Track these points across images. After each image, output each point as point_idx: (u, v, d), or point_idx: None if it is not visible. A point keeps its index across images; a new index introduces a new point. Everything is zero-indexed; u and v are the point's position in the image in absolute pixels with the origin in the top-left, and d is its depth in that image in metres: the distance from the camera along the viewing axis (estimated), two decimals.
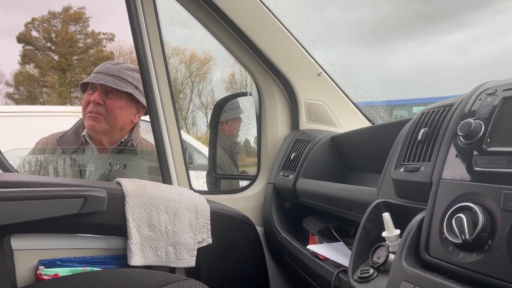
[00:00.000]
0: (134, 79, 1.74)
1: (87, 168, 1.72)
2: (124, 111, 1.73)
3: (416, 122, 0.89)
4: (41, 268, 1.24)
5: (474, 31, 22.66)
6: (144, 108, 1.79)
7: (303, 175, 1.46)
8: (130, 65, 1.80)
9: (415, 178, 0.81)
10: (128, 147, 1.77)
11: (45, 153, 1.76)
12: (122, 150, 1.75)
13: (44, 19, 20.22)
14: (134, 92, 1.72)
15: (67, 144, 1.76)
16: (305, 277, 1.32)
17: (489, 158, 0.65)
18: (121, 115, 1.72)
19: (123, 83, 1.71)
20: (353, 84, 1.79)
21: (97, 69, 1.75)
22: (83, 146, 1.75)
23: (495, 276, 0.57)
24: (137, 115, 1.80)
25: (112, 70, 1.72)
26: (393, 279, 0.71)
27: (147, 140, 1.89)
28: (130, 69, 1.77)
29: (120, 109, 1.71)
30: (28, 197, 1.15)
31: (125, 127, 1.77)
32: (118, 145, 1.74)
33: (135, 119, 1.80)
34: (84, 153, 1.74)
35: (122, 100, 1.72)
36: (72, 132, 1.81)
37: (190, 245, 1.40)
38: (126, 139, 1.76)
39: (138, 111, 1.80)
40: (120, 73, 1.71)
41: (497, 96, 0.70)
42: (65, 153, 1.74)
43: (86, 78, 1.76)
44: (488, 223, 0.60)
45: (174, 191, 1.43)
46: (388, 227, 0.82)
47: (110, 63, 1.77)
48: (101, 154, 1.76)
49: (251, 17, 1.58)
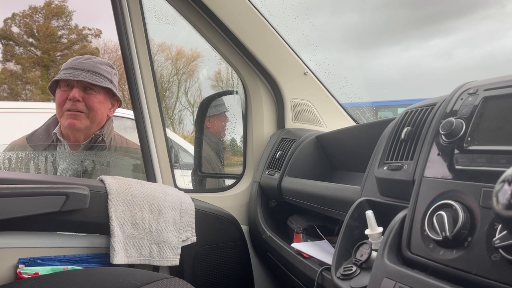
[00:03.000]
0: (108, 73, 1.72)
1: (59, 166, 1.69)
2: (103, 105, 1.72)
3: (400, 121, 0.90)
4: (21, 267, 1.21)
5: (458, 37, 23.28)
6: (118, 101, 1.79)
7: (288, 174, 1.47)
8: (103, 60, 1.78)
9: (398, 176, 0.82)
10: (98, 143, 1.73)
11: (14, 151, 1.72)
12: (93, 147, 1.72)
13: (26, 14, 19.81)
14: (111, 87, 1.71)
15: (37, 142, 1.73)
16: (289, 275, 1.32)
17: (470, 156, 0.66)
18: (101, 109, 1.71)
19: (101, 78, 1.68)
20: (339, 84, 1.81)
21: (69, 65, 1.69)
22: (54, 143, 1.71)
23: (474, 272, 0.58)
24: (111, 109, 1.79)
25: (87, 66, 1.68)
26: (375, 276, 0.71)
27: (122, 136, 1.87)
28: (104, 64, 1.74)
29: (100, 103, 1.70)
30: (8, 194, 1.12)
31: (102, 122, 1.76)
32: (89, 141, 1.71)
33: (110, 113, 1.78)
34: (55, 150, 1.71)
35: (101, 95, 1.70)
36: (42, 130, 1.77)
37: (174, 243, 1.39)
38: (96, 134, 1.73)
39: (113, 105, 1.79)
40: (96, 68, 1.68)
41: (478, 96, 0.71)
42: (35, 151, 1.70)
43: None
44: (468, 220, 0.61)
45: (159, 189, 1.42)
46: (371, 224, 0.83)
47: (82, 58, 1.73)
48: (73, 151, 1.72)
49: (238, 16, 1.57)
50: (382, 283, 0.68)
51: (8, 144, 1.77)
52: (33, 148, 1.72)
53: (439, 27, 22.29)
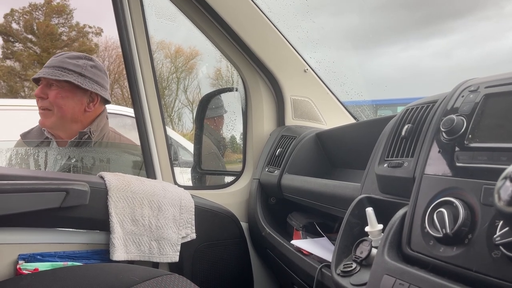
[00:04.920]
0: (77, 66, 1.67)
1: (48, 162, 1.69)
2: (69, 101, 1.66)
3: (400, 119, 0.90)
4: (21, 263, 1.21)
5: (456, 37, 23.40)
6: (99, 96, 1.72)
7: (288, 171, 1.47)
8: (75, 53, 1.73)
9: (398, 173, 0.82)
10: (85, 140, 1.71)
11: (11, 148, 1.73)
12: (80, 143, 1.70)
13: (25, 11, 19.71)
14: (74, 80, 1.64)
15: (31, 139, 1.74)
16: (289, 272, 1.32)
17: (471, 153, 0.66)
18: (66, 105, 1.66)
19: (62, 72, 1.64)
20: (339, 82, 1.80)
21: (46, 64, 1.70)
22: (47, 140, 1.72)
23: (474, 269, 0.58)
24: (91, 104, 1.72)
25: (53, 62, 1.67)
26: (375, 273, 0.71)
27: (118, 133, 1.85)
28: (73, 57, 1.70)
29: (64, 99, 1.65)
30: (8, 190, 1.12)
31: (78, 118, 1.70)
32: (75, 138, 1.69)
33: (89, 108, 1.71)
34: (47, 147, 1.71)
35: (64, 90, 1.66)
36: (38, 128, 1.77)
37: (173, 240, 1.39)
38: (81, 132, 1.69)
39: (92, 100, 1.72)
40: (61, 63, 1.66)
41: (479, 93, 0.71)
42: (27, 147, 1.71)
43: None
44: (468, 218, 0.61)
45: (158, 186, 1.42)
46: (371, 222, 0.83)
47: (55, 55, 1.71)
48: (59, 148, 1.71)
49: (238, 12, 1.57)
50: (382, 280, 0.68)
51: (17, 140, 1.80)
52: (26, 144, 1.72)
53: (438, 28, 22.36)
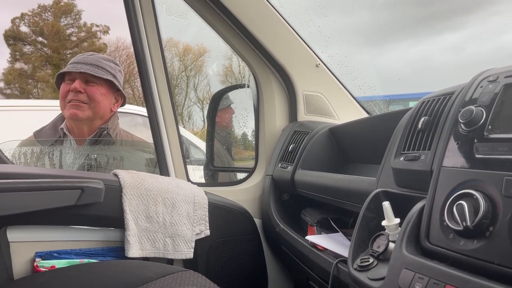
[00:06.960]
0: (111, 68, 1.76)
1: (66, 160, 1.71)
2: (105, 98, 1.74)
3: (416, 111, 0.88)
4: (37, 260, 1.23)
5: (467, 32, 23.11)
6: (122, 97, 1.82)
7: (302, 167, 1.46)
8: (107, 56, 1.82)
9: (415, 166, 0.81)
10: (104, 137, 1.75)
11: (21, 147, 1.74)
12: (99, 140, 1.74)
13: (35, 12, 19.93)
14: (114, 80, 1.74)
15: (44, 138, 1.76)
16: (304, 268, 1.32)
17: (491, 145, 0.65)
18: (103, 101, 1.73)
19: (102, 71, 1.72)
20: (352, 76, 1.79)
21: (73, 60, 1.75)
22: (61, 138, 1.74)
23: (496, 262, 0.57)
24: (115, 104, 1.81)
25: (90, 60, 1.72)
26: (394, 267, 0.70)
27: (128, 132, 1.89)
28: (107, 60, 1.78)
29: (102, 95, 1.72)
30: (24, 188, 1.14)
31: (105, 115, 1.77)
32: (94, 135, 1.73)
33: (114, 108, 1.80)
34: (62, 145, 1.73)
35: (103, 87, 1.73)
36: (50, 127, 1.80)
37: (188, 237, 1.39)
38: (101, 128, 1.75)
39: (117, 101, 1.81)
40: (98, 62, 1.72)
41: (498, 83, 0.69)
42: (42, 146, 1.73)
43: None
44: (489, 210, 0.59)
45: (172, 182, 1.42)
46: (388, 216, 0.82)
47: (86, 54, 1.78)
48: (79, 146, 1.75)
49: (249, 8, 1.56)
50: (401, 274, 0.67)
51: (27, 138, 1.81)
52: (40, 143, 1.75)
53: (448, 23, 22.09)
